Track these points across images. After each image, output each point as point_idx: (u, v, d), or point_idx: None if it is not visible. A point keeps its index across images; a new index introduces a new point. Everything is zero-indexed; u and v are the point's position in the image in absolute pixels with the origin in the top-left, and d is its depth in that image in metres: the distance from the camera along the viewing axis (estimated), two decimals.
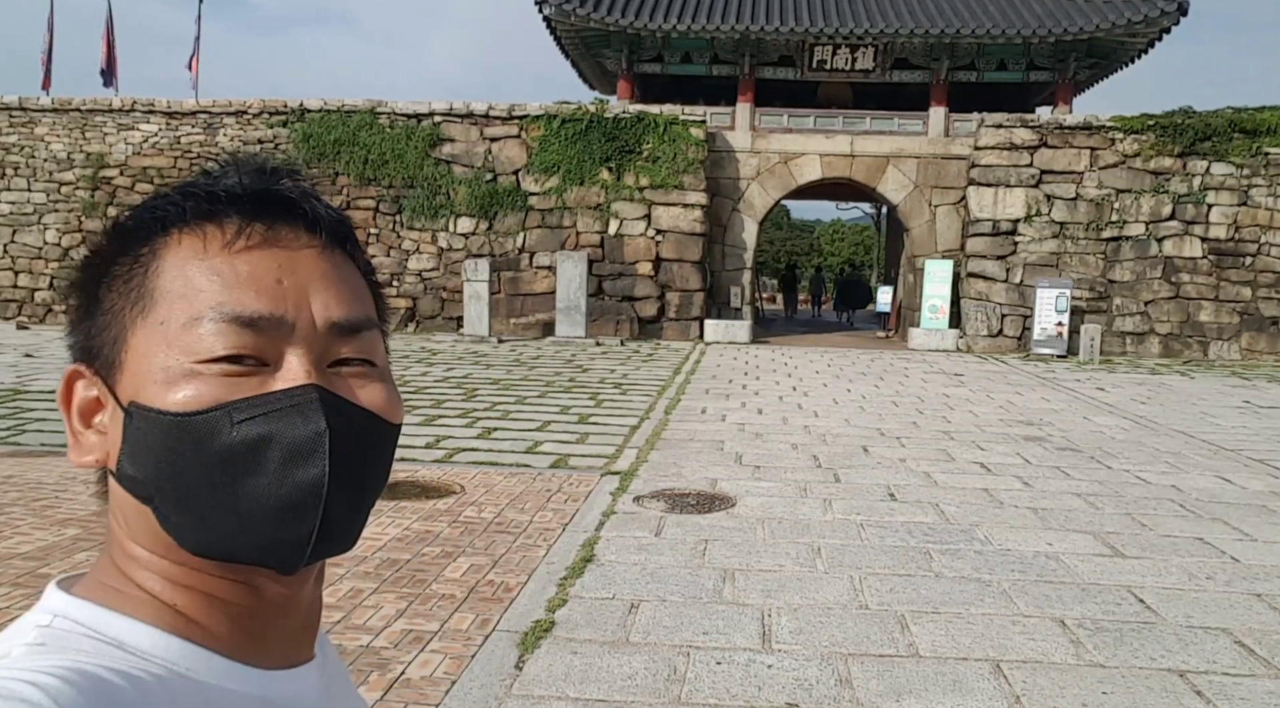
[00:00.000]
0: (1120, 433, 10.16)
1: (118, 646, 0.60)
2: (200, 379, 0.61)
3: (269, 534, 0.62)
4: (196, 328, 0.62)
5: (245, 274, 0.63)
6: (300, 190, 0.68)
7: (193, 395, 0.61)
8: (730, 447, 8.77)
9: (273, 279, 0.64)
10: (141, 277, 0.64)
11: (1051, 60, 21.61)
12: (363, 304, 0.69)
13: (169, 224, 0.65)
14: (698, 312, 20.79)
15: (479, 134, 21.29)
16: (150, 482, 0.62)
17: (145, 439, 0.62)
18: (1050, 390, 13.84)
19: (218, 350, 0.62)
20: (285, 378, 0.63)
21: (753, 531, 6.04)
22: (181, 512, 0.62)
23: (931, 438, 9.51)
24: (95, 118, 22.16)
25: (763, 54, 22.16)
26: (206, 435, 0.61)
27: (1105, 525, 6.29)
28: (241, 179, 0.67)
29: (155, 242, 0.65)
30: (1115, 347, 19.67)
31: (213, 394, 0.61)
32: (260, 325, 0.63)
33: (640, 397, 11.99)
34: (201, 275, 0.63)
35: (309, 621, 0.72)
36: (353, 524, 0.66)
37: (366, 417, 0.66)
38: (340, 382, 0.66)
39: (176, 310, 0.62)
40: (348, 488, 0.64)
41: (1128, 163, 19.69)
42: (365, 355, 0.68)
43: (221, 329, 0.62)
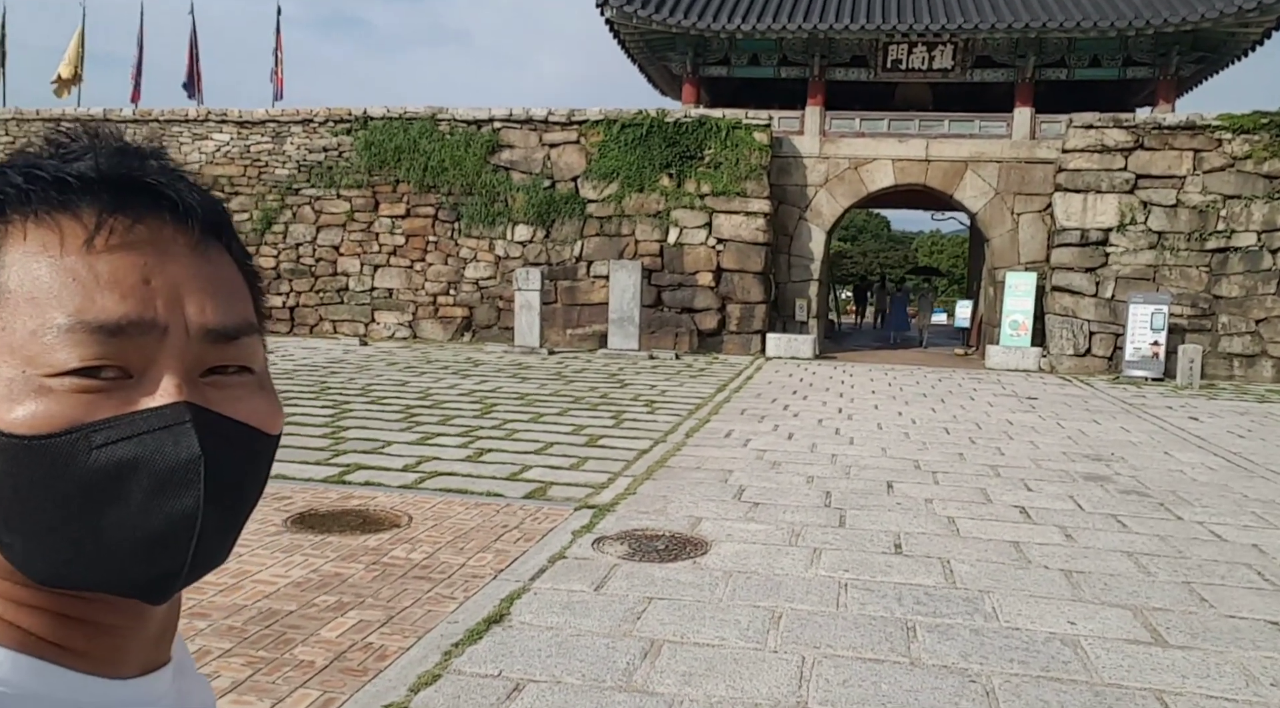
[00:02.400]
0: (1204, 474, 8.78)
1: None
2: (52, 396, 0.54)
3: (136, 569, 0.56)
4: (47, 336, 0.54)
5: (106, 275, 0.55)
6: (168, 175, 0.60)
7: (43, 414, 0.54)
8: (736, 478, 7.82)
9: (138, 279, 0.56)
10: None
11: (1151, 55, 19.80)
12: (241, 306, 0.62)
13: (9, 209, 0.56)
14: (760, 325, 19.75)
15: (538, 140, 20.78)
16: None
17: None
18: (1133, 419, 12.35)
19: (73, 362, 0.54)
20: (154, 394, 0.56)
21: (712, 587, 5.12)
22: (30, 544, 0.56)
23: (973, 474, 8.35)
24: (173, 128, 22.55)
25: (834, 54, 21.01)
26: (60, 461, 0.54)
27: (1152, 598, 5.13)
28: (99, 162, 0.57)
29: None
30: (1220, 370, 17.78)
31: (67, 414, 0.54)
32: (125, 333, 0.55)
33: (668, 416, 11.12)
34: (54, 275, 0.55)
35: (166, 626, 0.66)
36: (225, 544, 0.60)
37: (244, 432, 0.60)
38: (215, 393, 0.59)
39: (23, 315, 0.54)
40: (222, 511, 0.58)
41: (1237, 166, 17.80)
42: (243, 362, 0.61)
43: (78, 338, 0.54)
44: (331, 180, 21.42)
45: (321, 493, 7.00)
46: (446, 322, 20.94)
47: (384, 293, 21.34)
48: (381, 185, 21.31)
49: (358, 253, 21.40)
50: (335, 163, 21.58)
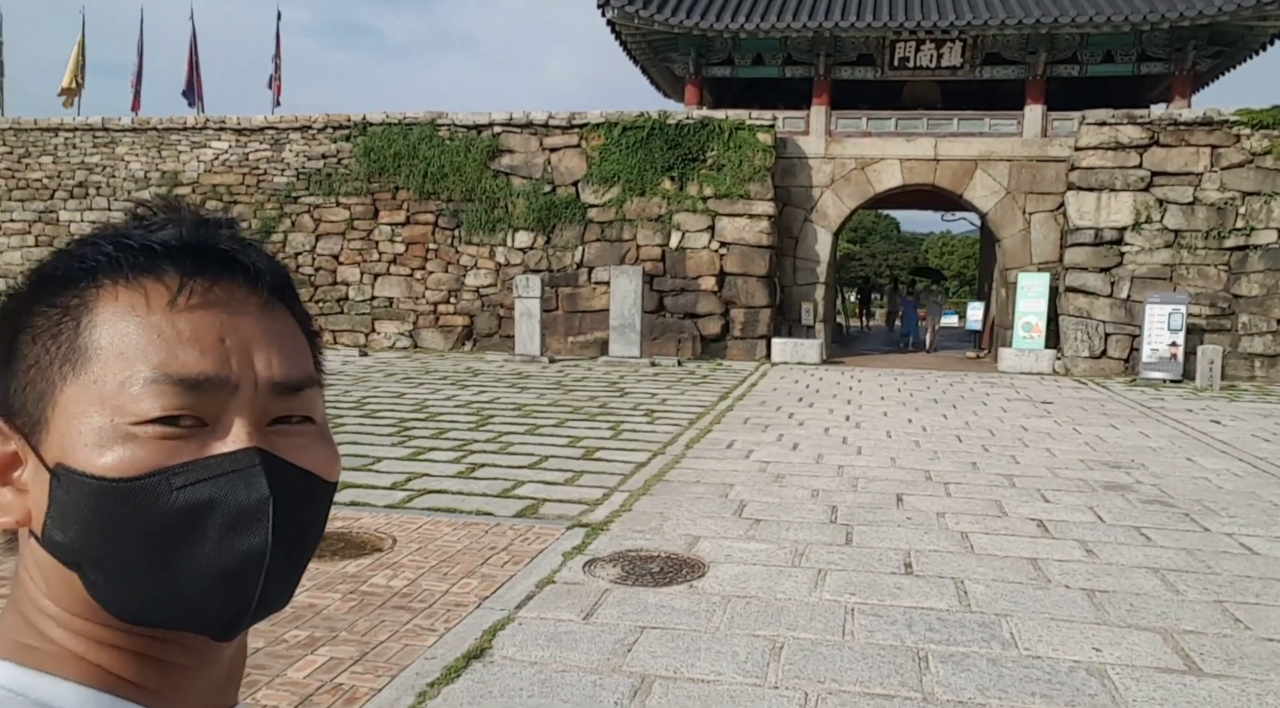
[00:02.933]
0: (1230, 481, 8.37)
1: (42, 706, 0.59)
2: (136, 442, 0.59)
3: (208, 603, 0.61)
4: (134, 388, 0.59)
5: (187, 333, 0.61)
6: (240, 243, 0.66)
7: (129, 459, 0.58)
8: (737, 493, 7.46)
9: (215, 338, 0.62)
10: (72, 330, 0.61)
11: (1166, 50, 19.38)
12: (304, 361, 0.68)
13: (98, 274, 0.62)
14: (764, 330, 19.38)
15: (538, 144, 20.49)
16: (79, 549, 0.60)
17: (74, 504, 0.59)
18: (1153, 423, 11.93)
19: (154, 411, 0.59)
20: (226, 441, 0.61)
21: (710, 615, 4.76)
22: (113, 580, 0.60)
23: (987, 485, 7.97)
24: (171, 136, 22.34)
25: (839, 53, 20.66)
26: (143, 502, 0.58)
27: (1183, 620, 4.75)
28: (181, 231, 0.64)
29: (85, 293, 0.61)
30: (1241, 371, 17.31)
31: (151, 459, 0.59)
32: (203, 387, 0.61)
33: (668, 426, 10.77)
34: (140, 334, 0.60)
35: (232, 670, 0.70)
36: (288, 586, 0.64)
37: (307, 478, 0.65)
38: (281, 441, 0.64)
39: (112, 369, 0.60)
40: (287, 552, 0.62)
41: (1256, 162, 17.36)
42: (306, 413, 0.66)
43: (161, 389, 0.59)
44: (331, 188, 21.16)
45: None
46: (447, 331, 20.64)
47: (384, 302, 21.06)
48: (381, 192, 21.04)
49: (357, 261, 21.13)
50: (334, 170, 21.33)
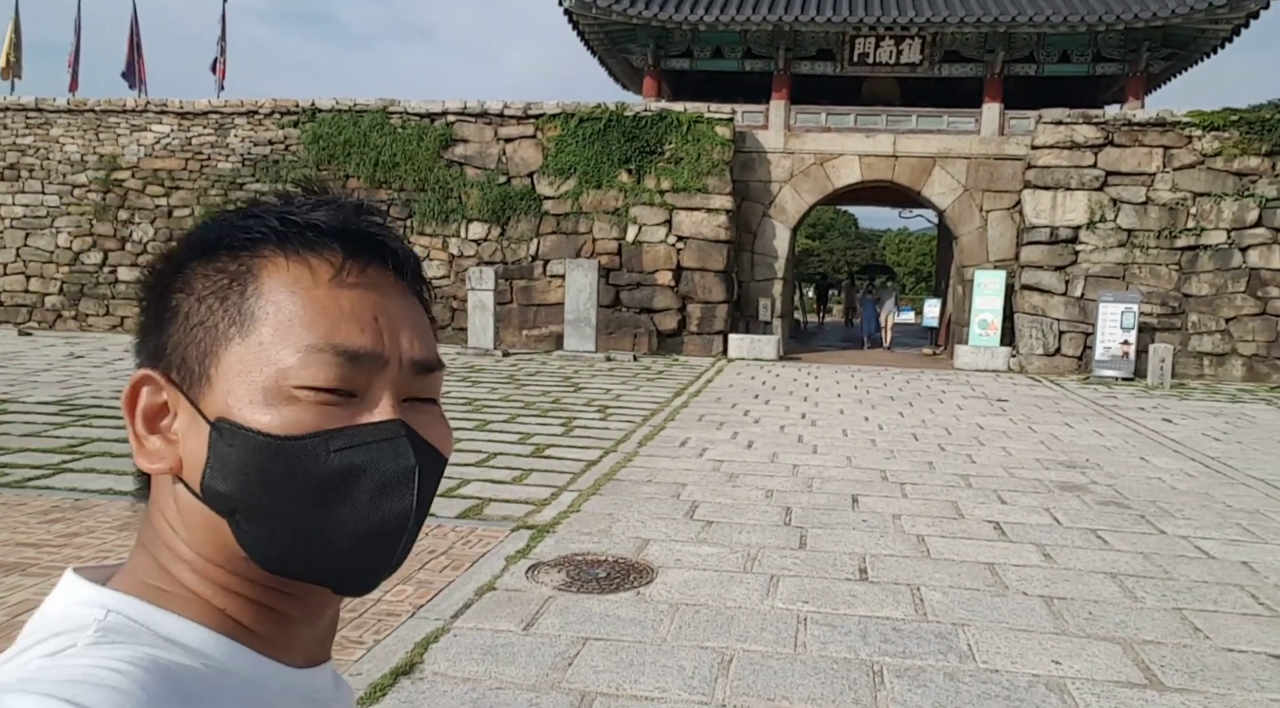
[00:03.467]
0: (1183, 481, 8.33)
1: (171, 642, 0.62)
2: (299, 405, 0.63)
3: (352, 560, 0.66)
4: (303, 354, 0.63)
5: (348, 309, 0.65)
6: (388, 231, 0.70)
7: (293, 420, 0.63)
8: (689, 493, 7.23)
9: (371, 316, 0.66)
10: (239, 295, 0.65)
11: (1121, 51, 19.52)
12: (434, 345, 0.72)
13: (260, 245, 0.66)
14: (721, 325, 19.21)
15: (493, 134, 20.09)
16: (236, 498, 0.63)
17: (236, 456, 0.63)
18: (1106, 422, 11.94)
19: (320, 380, 0.64)
20: (375, 412, 0.65)
21: (657, 624, 4.52)
22: (265, 530, 0.64)
23: (944, 485, 7.83)
24: (109, 119, 21.57)
25: (799, 47, 20.52)
26: (303, 460, 0.63)
27: (1143, 629, 4.61)
28: (341, 214, 0.68)
29: (249, 261, 0.66)
30: (1190, 369, 17.50)
31: (312, 421, 0.63)
32: (361, 360, 0.65)
33: (622, 423, 10.52)
34: (308, 305, 0.65)
35: (331, 628, 0.74)
36: (407, 553, 0.68)
37: (435, 453, 0.69)
38: (413, 417, 0.68)
39: (281, 335, 0.64)
40: (419, 520, 0.67)
41: (1207, 163, 17.54)
42: (432, 394, 0.71)
43: (328, 360, 0.64)
44: (278, 175, 20.56)
45: None
46: None
47: None
48: (330, 180, 20.41)
49: None
50: (281, 157, 20.74)
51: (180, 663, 0.60)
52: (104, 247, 21.20)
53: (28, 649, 0.58)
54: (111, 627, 0.61)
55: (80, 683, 0.53)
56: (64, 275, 21.25)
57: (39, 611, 0.64)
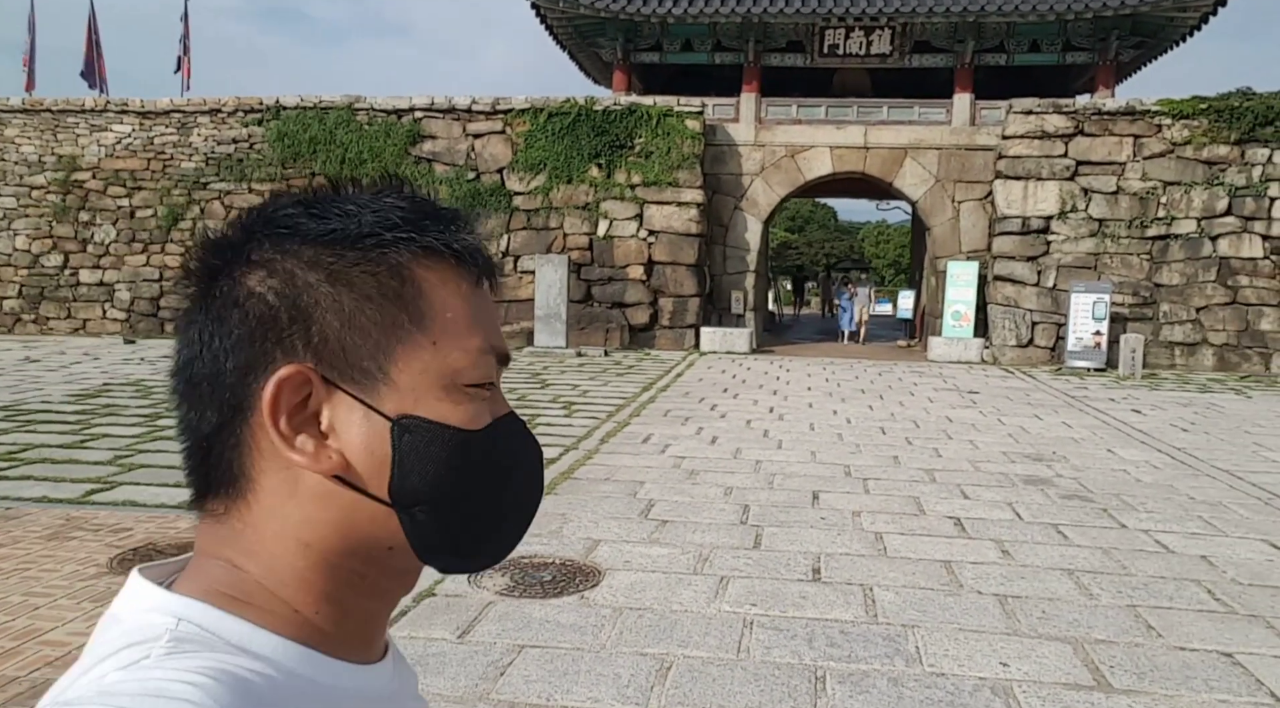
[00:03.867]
0: (1148, 473, 8.25)
1: (240, 649, 0.62)
2: (474, 400, 0.68)
3: (509, 538, 0.71)
4: (475, 356, 0.68)
5: (490, 316, 0.71)
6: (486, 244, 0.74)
7: (475, 413, 0.67)
8: (647, 492, 7.08)
9: (499, 320, 0.73)
10: (412, 295, 0.66)
11: (1091, 40, 19.49)
12: None
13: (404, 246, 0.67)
14: (693, 319, 19.07)
15: (461, 130, 19.85)
16: (427, 491, 0.65)
17: (430, 450, 0.65)
18: (1075, 413, 11.87)
19: (489, 378, 0.69)
20: (501, 404, 0.71)
21: (598, 630, 4.37)
22: (445, 519, 0.67)
23: (907, 480, 7.71)
24: (67, 119, 21.18)
25: (769, 39, 20.39)
26: (488, 449, 0.67)
27: (1095, 628, 4.49)
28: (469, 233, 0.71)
29: (399, 263, 0.66)
30: (1162, 359, 17.51)
31: (483, 415, 0.68)
32: (505, 361, 0.72)
33: (585, 420, 10.36)
34: (468, 310, 0.68)
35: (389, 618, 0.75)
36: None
37: None
38: None
39: (453, 336, 0.67)
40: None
41: (1177, 152, 17.54)
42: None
43: (489, 360, 0.69)
44: (242, 174, 20.27)
45: (170, 522, 6.12)
46: None
47: None
48: (296, 179, 20.18)
49: None
50: (246, 155, 20.42)
51: (253, 671, 0.60)
52: (64, 249, 20.81)
53: (105, 660, 0.59)
54: (184, 636, 0.61)
55: (155, 697, 0.54)
56: (23, 279, 20.84)
57: (109, 614, 0.64)
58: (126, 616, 0.63)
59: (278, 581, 0.66)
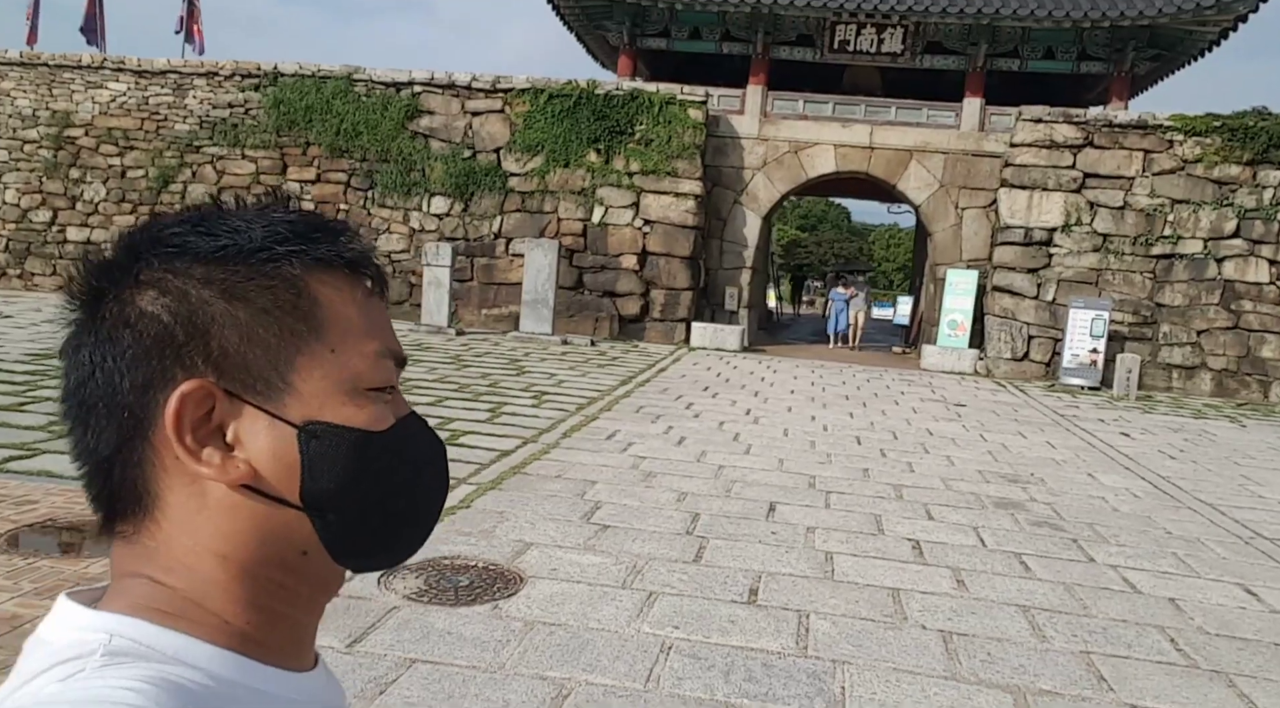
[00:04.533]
0: (1127, 502, 7.88)
1: (176, 661, 0.62)
2: (376, 403, 0.69)
3: (419, 535, 0.73)
4: (373, 360, 0.70)
5: (383, 321, 0.73)
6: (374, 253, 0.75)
7: (378, 415, 0.69)
8: (595, 493, 6.73)
9: (390, 324, 0.75)
10: (308, 306, 0.68)
11: (1107, 50, 19.01)
12: None
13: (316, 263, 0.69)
14: (685, 313, 18.70)
15: (460, 107, 19.47)
16: (337, 495, 0.67)
17: (338, 454, 0.66)
18: (1061, 433, 11.50)
19: (390, 380, 0.71)
20: (402, 405, 0.73)
21: (501, 646, 4.03)
22: (358, 521, 0.68)
23: (873, 496, 7.35)
24: (64, 74, 20.84)
25: (779, 31, 19.94)
26: (394, 449, 0.69)
27: (1041, 675, 4.14)
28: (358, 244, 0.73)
29: (293, 275, 0.68)
30: (1159, 381, 17.11)
31: (385, 416, 0.69)
32: (402, 363, 0.74)
33: (553, 411, 10.02)
34: (363, 317, 0.71)
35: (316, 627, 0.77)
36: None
37: None
38: None
39: (351, 343, 0.69)
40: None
41: (1187, 169, 17.09)
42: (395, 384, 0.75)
43: (387, 363, 0.71)
44: (236, 139, 19.91)
45: (77, 496, 5.78)
46: None
47: None
48: (291, 147, 19.85)
49: None
50: (241, 121, 20.06)
51: (192, 679, 0.61)
52: (53, 205, 20.50)
53: (37, 677, 0.59)
54: (118, 650, 0.60)
55: (96, 703, 0.55)
56: (10, 232, 20.54)
57: (35, 638, 0.64)
58: (54, 637, 0.62)
59: (202, 593, 0.66)
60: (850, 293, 22.11)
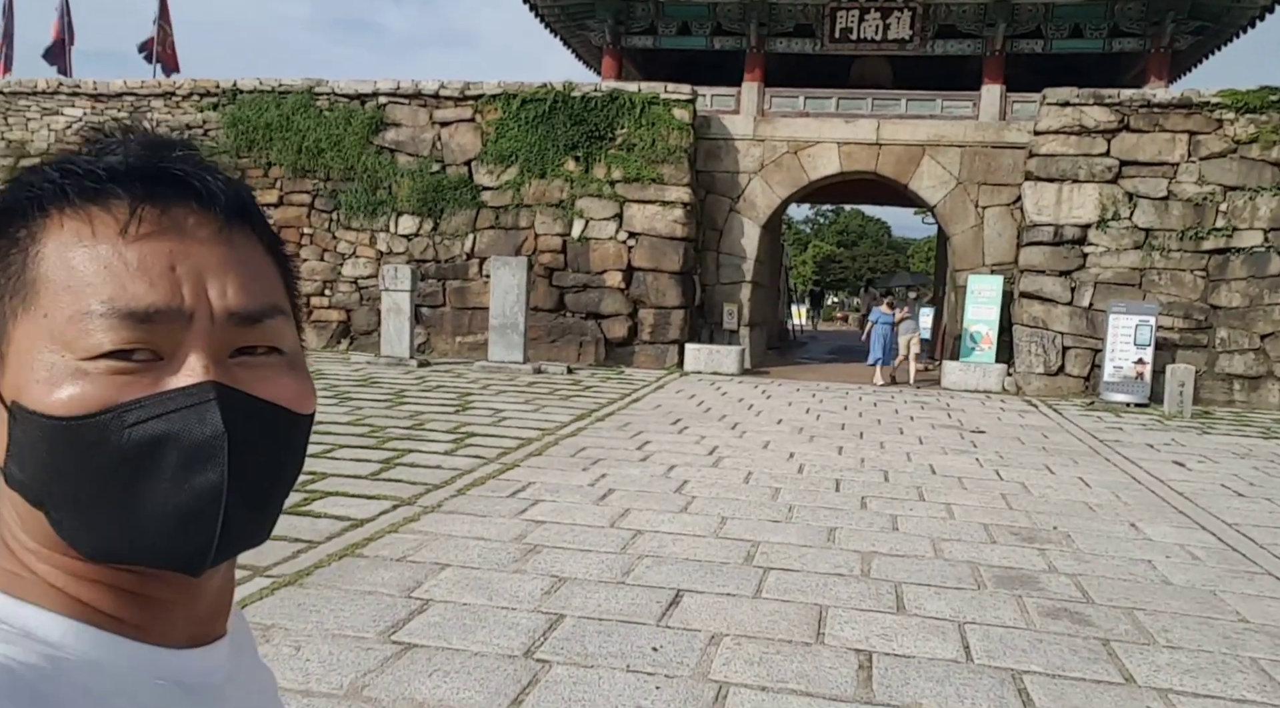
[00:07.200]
0: (1182, 568, 5.88)
1: (25, 635, 0.59)
2: (87, 378, 0.57)
3: (169, 542, 0.59)
4: (83, 322, 0.57)
5: (135, 262, 0.59)
6: (193, 164, 0.63)
7: (78, 396, 0.57)
8: (434, 586, 4.93)
9: (166, 267, 0.59)
10: (21, 263, 0.59)
11: (1141, 24, 16.95)
12: (265, 288, 0.64)
13: (47, 203, 0.60)
14: (677, 334, 16.88)
15: (428, 118, 17.95)
16: (38, 487, 0.59)
17: (30, 442, 0.58)
18: (1099, 465, 9.46)
19: (105, 346, 0.57)
20: (182, 374, 0.59)
21: None
22: (75, 518, 0.59)
23: (828, 572, 5.45)
24: (18, 101, 19.75)
25: (774, 22, 18.19)
26: (95, 441, 0.57)
27: None
28: (128, 155, 0.61)
29: (33, 224, 0.60)
30: (1218, 393, 14.89)
31: (100, 395, 0.57)
32: (155, 319, 0.58)
33: (468, 459, 8.26)
34: (87, 264, 0.58)
35: (218, 603, 0.69)
36: (260, 522, 0.63)
37: (271, 410, 0.62)
38: (243, 373, 0.62)
39: (61, 303, 0.58)
40: (252, 488, 0.61)
41: (1240, 152, 14.94)
42: (270, 343, 0.64)
43: (111, 323, 0.57)
44: None
45: None
46: (321, 327, 18.06)
47: None
48: (252, 168, 18.45)
49: None
50: (200, 143, 18.70)
51: (23, 661, 0.56)
52: None
53: None
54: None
55: None
56: None
57: None
58: None
59: (41, 564, 0.61)
60: (900, 314, 17.11)
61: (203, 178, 0.61)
